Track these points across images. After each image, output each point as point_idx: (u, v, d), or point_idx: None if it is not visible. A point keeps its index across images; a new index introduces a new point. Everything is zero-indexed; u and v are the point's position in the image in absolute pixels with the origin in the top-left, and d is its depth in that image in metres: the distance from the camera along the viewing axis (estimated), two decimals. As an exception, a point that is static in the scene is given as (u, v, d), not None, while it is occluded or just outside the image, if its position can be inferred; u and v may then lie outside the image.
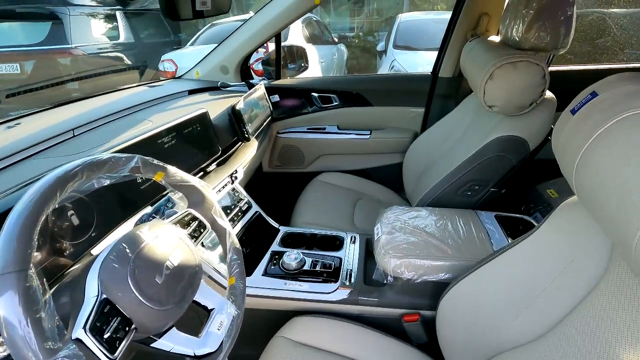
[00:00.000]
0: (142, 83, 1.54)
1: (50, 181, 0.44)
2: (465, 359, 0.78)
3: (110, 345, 0.44)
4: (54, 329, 0.39)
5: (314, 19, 5.43)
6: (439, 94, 1.60)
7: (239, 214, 1.16)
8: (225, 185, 1.14)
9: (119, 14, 5.20)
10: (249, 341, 0.97)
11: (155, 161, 0.62)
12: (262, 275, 1.01)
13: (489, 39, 1.29)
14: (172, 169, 0.64)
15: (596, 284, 0.55)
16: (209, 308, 0.63)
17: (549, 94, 1.07)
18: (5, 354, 0.45)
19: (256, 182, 1.71)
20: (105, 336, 0.44)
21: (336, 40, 6.08)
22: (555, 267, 0.62)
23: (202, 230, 0.66)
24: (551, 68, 1.12)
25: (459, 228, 0.98)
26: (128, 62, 5.06)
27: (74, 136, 0.95)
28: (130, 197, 0.76)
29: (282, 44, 1.71)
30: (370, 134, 1.72)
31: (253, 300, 0.98)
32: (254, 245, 1.14)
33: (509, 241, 0.96)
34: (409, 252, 0.89)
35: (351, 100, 1.72)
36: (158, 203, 0.77)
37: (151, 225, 0.56)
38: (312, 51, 4.55)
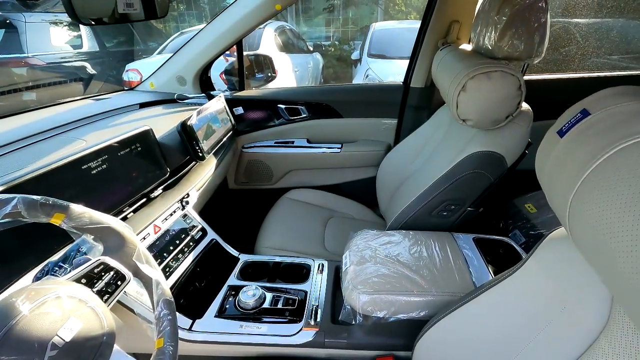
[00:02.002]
0: (87, 96, 1.38)
1: None
2: None
3: None
4: None
5: (288, 27, 5.35)
6: (411, 104, 1.53)
7: (191, 243, 1.02)
8: (174, 212, 1.00)
9: (82, 22, 4.94)
10: (198, 397, 0.84)
11: (51, 200, 0.48)
12: (215, 316, 0.88)
13: (460, 47, 1.22)
14: (77, 209, 0.51)
15: (595, 339, 0.46)
16: (125, 385, 0.50)
17: (525, 105, 1.00)
18: None
19: (220, 200, 1.58)
20: None
21: (311, 49, 6.02)
22: (545, 313, 0.52)
23: (118, 283, 0.53)
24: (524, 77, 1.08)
25: (435, 255, 0.89)
26: (92, 71, 4.80)
27: None
28: (38, 240, 0.62)
29: (251, 52, 1.59)
30: (341, 147, 1.62)
31: (203, 348, 0.84)
32: (210, 277, 1.01)
33: (489, 269, 0.87)
34: (380, 287, 0.79)
35: (320, 112, 1.62)
36: (69, 248, 0.63)
37: (34, 289, 0.43)
38: (286, 60, 4.46)
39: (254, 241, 1.30)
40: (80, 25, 5.03)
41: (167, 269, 0.92)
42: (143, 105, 1.34)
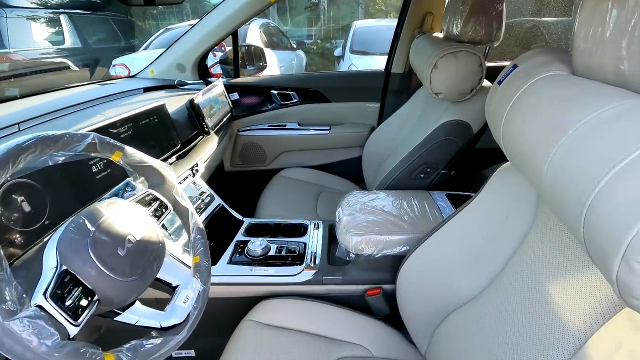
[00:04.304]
0: (93, 81, 1.49)
1: (3, 151, 0.44)
2: (423, 325, 0.83)
3: (72, 313, 0.43)
4: (13, 293, 0.38)
5: (272, 24, 5.48)
6: (392, 89, 1.70)
7: (201, 206, 1.15)
8: (186, 178, 1.13)
9: (63, 18, 4.93)
10: (218, 330, 0.97)
11: (112, 140, 0.61)
12: (228, 263, 1.01)
13: (433, 35, 1.40)
14: (130, 149, 0.64)
15: (526, 234, 0.62)
16: (174, 285, 0.63)
17: (486, 82, 1.18)
18: None
19: (218, 181, 1.70)
20: (67, 303, 0.43)
21: (294, 46, 6.16)
22: (493, 225, 0.69)
23: (163, 210, 0.67)
24: (491, 64, 1.25)
25: (413, 206, 1.05)
26: (75, 67, 4.79)
27: (19, 131, 0.90)
28: (85, 187, 0.75)
29: (244, 43, 1.72)
30: (329, 129, 1.78)
31: (219, 289, 0.98)
32: (218, 238, 1.14)
33: (458, 214, 1.04)
34: (369, 229, 0.94)
35: (310, 97, 1.77)
36: (116, 188, 0.76)
37: (110, 202, 0.56)
38: (270, 56, 4.58)
39: (252, 215, 1.43)
40: (62, 21, 5.01)
41: (183, 226, 1.05)
42: (147, 90, 1.45)
